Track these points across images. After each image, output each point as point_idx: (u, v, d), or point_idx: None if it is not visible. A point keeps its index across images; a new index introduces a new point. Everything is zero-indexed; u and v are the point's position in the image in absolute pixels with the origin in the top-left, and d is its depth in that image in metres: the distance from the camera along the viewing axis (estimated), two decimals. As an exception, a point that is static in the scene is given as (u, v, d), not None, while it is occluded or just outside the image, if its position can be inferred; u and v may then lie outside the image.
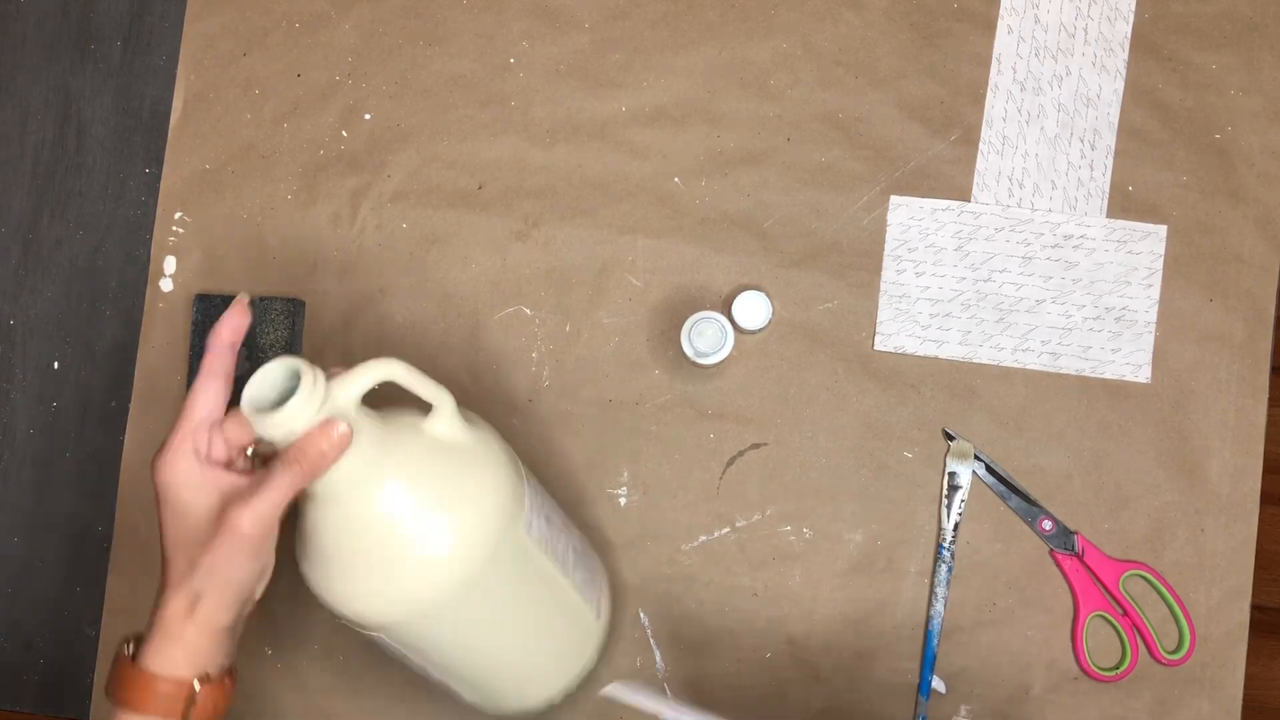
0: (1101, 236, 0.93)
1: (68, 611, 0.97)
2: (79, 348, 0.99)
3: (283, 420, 0.64)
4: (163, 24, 1.00)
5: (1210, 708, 0.90)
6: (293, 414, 0.64)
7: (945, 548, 0.92)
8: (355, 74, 0.98)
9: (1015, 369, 0.93)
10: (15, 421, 0.99)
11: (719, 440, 0.94)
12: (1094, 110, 0.94)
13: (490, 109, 0.97)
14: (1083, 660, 0.91)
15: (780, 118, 0.96)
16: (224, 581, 0.68)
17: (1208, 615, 0.91)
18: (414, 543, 0.69)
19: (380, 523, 0.69)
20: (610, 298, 0.95)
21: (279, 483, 0.66)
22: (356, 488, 0.68)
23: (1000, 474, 0.92)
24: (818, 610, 0.93)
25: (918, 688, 0.92)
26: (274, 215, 0.98)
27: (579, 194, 0.96)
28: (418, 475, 0.70)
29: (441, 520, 0.70)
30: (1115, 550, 0.92)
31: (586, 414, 0.95)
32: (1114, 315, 0.93)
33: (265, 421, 0.65)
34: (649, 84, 0.97)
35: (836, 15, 0.96)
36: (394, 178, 0.97)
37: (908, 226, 0.94)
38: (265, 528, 0.67)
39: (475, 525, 0.70)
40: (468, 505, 0.71)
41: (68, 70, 1.01)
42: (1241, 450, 0.92)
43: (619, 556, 0.94)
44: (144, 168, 0.99)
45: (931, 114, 0.95)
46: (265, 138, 0.98)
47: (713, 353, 0.89)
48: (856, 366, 0.94)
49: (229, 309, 0.70)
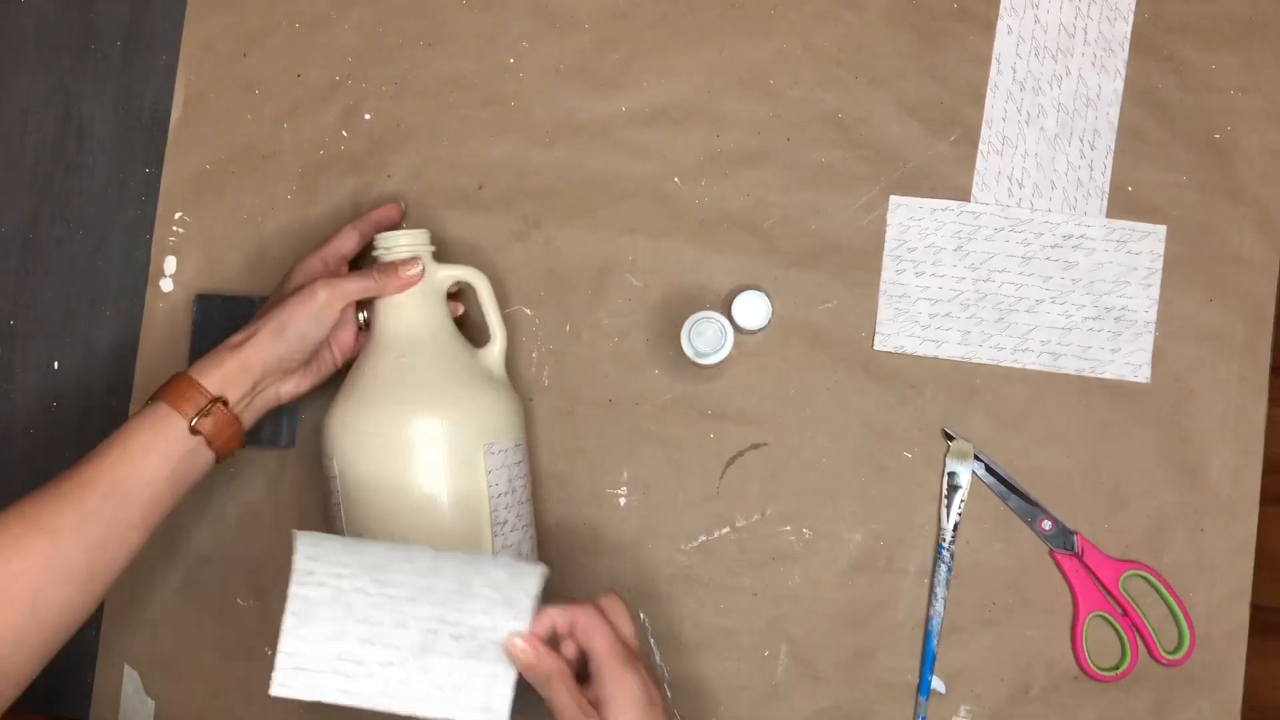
0: (1101, 236, 0.93)
1: (68, 611, 0.97)
2: (79, 348, 0.99)
3: (388, 243, 0.88)
4: (163, 24, 1.00)
5: (1210, 708, 0.90)
6: (394, 240, 0.88)
7: (945, 547, 0.92)
8: (355, 74, 0.98)
9: (1015, 369, 0.93)
10: (15, 421, 0.99)
11: (719, 440, 0.94)
12: (1094, 110, 0.94)
13: (490, 109, 0.97)
14: (1082, 660, 0.91)
15: (780, 118, 0.96)
16: (278, 325, 0.83)
17: (1207, 615, 0.91)
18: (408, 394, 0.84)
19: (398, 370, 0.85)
20: (610, 298, 0.95)
21: (358, 278, 0.86)
22: (400, 337, 0.86)
23: (1000, 474, 0.92)
24: (818, 610, 0.93)
25: (918, 688, 0.92)
26: (274, 215, 0.98)
27: (579, 194, 0.96)
28: (442, 354, 0.86)
29: (437, 391, 0.85)
30: (1115, 550, 0.92)
31: (586, 414, 0.95)
32: (1114, 315, 0.93)
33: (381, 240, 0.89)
34: (649, 84, 0.97)
35: (836, 15, 0.96)
36: (394, 178, 0.97)
37: (907, 226, 0.94)
38: (334, 299, 0.84)
39: (458, 406, 0.84)
40: (464, 396, 0.85)
41: (68, 70, 1.01)
42: (1241, 450, 0.92)
43: (619, 556, 0.94)
44: (144, 168, 0.99)
45: (931, 114, 0.95)
46: (265, 138, 0.98)
47: (713, 353, 0.89)
48: (856, 366, 0.94)
49: (386, 209, 0.94)
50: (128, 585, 0.96)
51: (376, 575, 0.75)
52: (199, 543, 0.96)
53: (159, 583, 0.96)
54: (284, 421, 0.95)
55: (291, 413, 0.96)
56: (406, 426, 0.83)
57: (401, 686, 0.74)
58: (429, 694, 0.74)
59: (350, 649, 0.74)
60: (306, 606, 0.75)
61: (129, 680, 0.96)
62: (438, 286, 0.89)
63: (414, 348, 0.86)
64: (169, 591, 0.96)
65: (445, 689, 0.74)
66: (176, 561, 0.96)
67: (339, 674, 0.74)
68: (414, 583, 0.75)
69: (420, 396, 0.84)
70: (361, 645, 0.74)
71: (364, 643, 0.74)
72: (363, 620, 0.74)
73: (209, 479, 0.96)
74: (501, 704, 0.74)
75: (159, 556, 0.96)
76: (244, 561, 0.96)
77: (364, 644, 0.74)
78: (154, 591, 0.96)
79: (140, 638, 0.96)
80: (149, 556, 0.96)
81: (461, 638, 0.74)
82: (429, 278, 0.88)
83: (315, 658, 0.74)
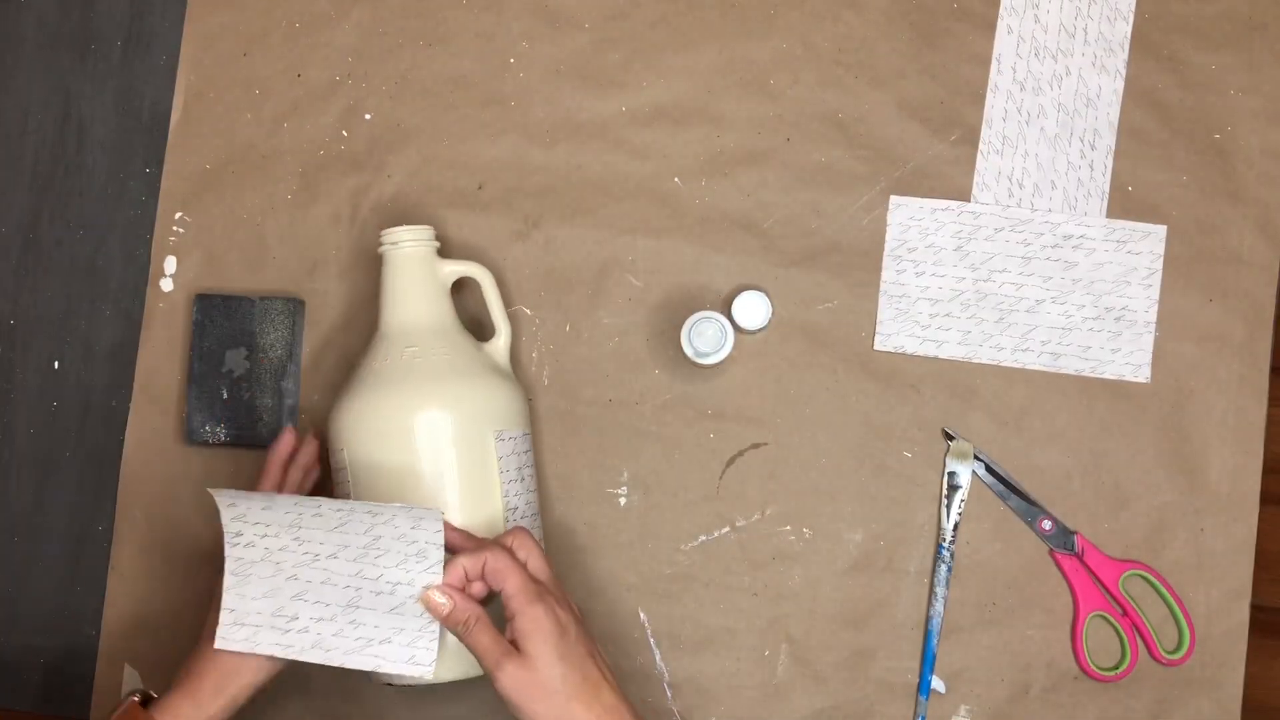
0: (1101, 236, 0.93)
1: (68, 611, 0.97)
2: (79, 348, 0.99)
3: (393, 238, 0.89)
4: (163, 24, 1.00)
5: (1210, 708, 0.90)
6: (398, 235, 0.89)
7: (945, 547, 0.92)
8: (355, 74, 0.98)
9: (1015, 369, 0.93)
10: (15, 421, 0.99)
11: (719, 440, 0.94)
12: (1094, 110, 0.94)
13: (490, 109, 0.97)
14: (1082, 660, 0.91)
15: (780, 118, 0.96)
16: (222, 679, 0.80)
17: (1207, 615, 0.91)
18: (419, 385, 0.85)
19: (406, 361, 0.86)
20: (610, 298, 0.95)
21: None
22: (407, 330, 0.87)
23: (1000, 474, 0.92)
24: (818, 610, 0.93)
25: (918, 688, 0.92)
26: (274, 215, 0.98)
27: (579, 194, 0.96)
28: (450, 346, 0.87)
29: (447, 381, 0.85)
30: (1115, 550, 0.92)
31: (586, 414, 0.95)
32: (1114, 315, 0.93)
33: (387, 235, 0.89)
34: (649, 84, 0.97)
35: (836, 15, 0.96)
36: (394, 178, 0.97)
37: (908, 226, 0.94)
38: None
39: (468, 396, 0.85)
40: (474, 386, 0.86)
41: (68, 70, 1.01)
42: (1241, 450, 0.92)
43: (619, 556, 0.94)
44: (144, 168, 0.99)
45: (931, 114, 0.95)
46: (265, 138, 0.98)
47: (713, 353, 0.89)
48: (856, 366, 0.94)
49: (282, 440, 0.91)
50: (128, 585, 0.96)
51: (295, 534, 0.79)
52: (200, 542, 0.96)
53: (159, 583, 0.96)
54: (284, 421, 0.95)
55: (291, 412, 0.96)
56: (417, 416, 0.84)
57: (333, 639, 0.78)
58: (358, 646, 0.78)
59: (284, 605, 0.78)
60: (242, 566, 0.78)
61: (130, 680, 0.96)
62: (443, 281, 0.89)
63: (421, 339, 0.87)
64: (169, 591, 0.96)
65: (373, 642, 0.78)
66: (176, 561, 0.96)
67: (275, 629, 0.78)
68: (330, 539, 0.78)
69: (431, 387, 0.85)
70: (294, 601, 0.78)
71: (296, 599, 0.78)
72: (292, 577, 0.78)
73: (209, 478, 0.96)
74: (426, 654, 0.77)
75: (160, 556, 0.96)
76: (244, 561, 0.96)
77: (296, 600, 0.78)
78: (154, 591, 0.96)
79: (140, 638, 0.96)
80: (150, 556, 0.96)
81: (382, 593, 0.78)
82: (434, 272, 0.89)
83: (253, 614, 0.78)
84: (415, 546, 0.78)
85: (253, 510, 0.79)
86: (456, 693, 0.93)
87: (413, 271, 0.88)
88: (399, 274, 0.88)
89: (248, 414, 0.95)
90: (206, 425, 0.95)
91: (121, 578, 0.96)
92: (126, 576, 0.96)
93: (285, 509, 0.79)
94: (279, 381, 0.95)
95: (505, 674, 0.75)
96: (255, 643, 0.78)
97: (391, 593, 0.77)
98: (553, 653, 0.75)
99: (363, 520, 0.79)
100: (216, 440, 0.95)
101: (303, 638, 0.78)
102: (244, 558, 0.78)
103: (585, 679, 0.76)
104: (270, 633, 0.78)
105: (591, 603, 0.93)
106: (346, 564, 0.78)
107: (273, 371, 0.95)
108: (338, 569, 0.78)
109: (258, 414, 0.95)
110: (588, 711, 0.75)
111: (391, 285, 0.89)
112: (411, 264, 0.89)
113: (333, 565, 0.78)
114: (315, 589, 0.78)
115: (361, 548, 0.78)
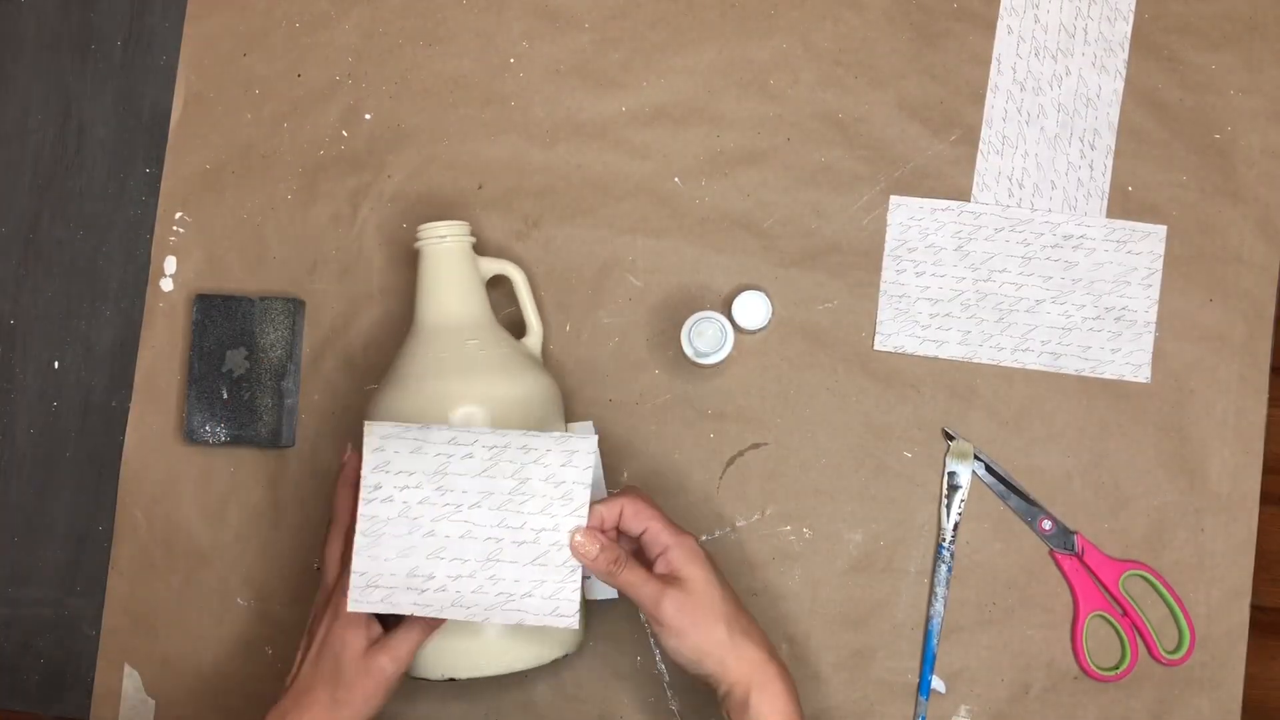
0: (1101, 236, 0.93)
1: (68, 611, 0.97)
2: (79, 348, 0.99)
3: (429, 233, 0.89)
4: (163, 24, 1.00)
5: (1210, 708, 0.90)
6: (434, 231, 0.88)
7: (945, 547, 0.92)
8: (355, 74, 0.98)
9: (1015, 369, 0.93)
10: (15, 421, 0.99)
11: (719, 440, 0.94)
12: (1094, 110, 0.94)
13: (490, 109, 0.97)
14: (1082, 660, 0.91)
15: (780, 118, 0.96)
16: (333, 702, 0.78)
17: (1207, 615, 0.91)
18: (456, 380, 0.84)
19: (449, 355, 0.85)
20: (610, 298, 0.95)
21: (408, 636, 0.79)
22: (443, 326, 0.86)
23: (1000, 474, 0.92)
24: (818, 610, 0.93)
25: (918, 688, 0.92)
26: (274, 215, 0.98)
27: (579, 194, 0.96)
28: (489, 341, 0.86)
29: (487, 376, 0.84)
30: (1115, 550, 0.92)
31: (586, 414, 0.95)
32: (1114, 315, 0.93)
33: (424, 230, 0.88)
34: (649, 84, 0.97)
35: (836, 15, 0.96)
36: (394, 178, 0.97)
37: (908, 226, 0.94)
38: (399, 668, 0.79)
39: (507, 391, 0.84)
40: (513, 381, 0.85)
41: (68, 70, 1.01)
42: (1241, 450, 0.92)
43: (619, 556, 0.94)
44: (144, 168, 0.99)
45: (931, 114, 0.95)
46: (265, 138, 0.98)
47: (713, 353, 0.89)
48: (856, 366, 0.94)
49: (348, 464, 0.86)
50: (128, 585, 0.96)
51: (439, 481, 0.78)
52: (199, 543, 0.96)
53: (159, 583, 0.96)
54: (284, 421, 0.95)
55: (291, 412, 0.96)
56: (453, 413, 0.83)
57: (473, 596, 0.78)
58: (499, 601, 0.78)
59: (420, 564, 0.78)
60: (374, 525, 0.78)
61: (129, 680, 0.96)
62: (478, 278, 0.89)
63: (457, 335, 0.86)
64: (169, 591, 0.96)
65: (514, 596, 0.78)
66: (177, 561, 0.96)
67: (411, 589, 0.78)
68: (475, 486, 0.78)
69: (468, 382, 0.84)
70: (430, 560, 0.78)
71: (432, 557, 0.78)
72: (429, 534, 0.78)
73: (209, 479, 0.96)
74: (570, 605, 0.78)
75: (159, 556, 0.96)
76: (244, 561, 0.96)
77: (432, 559, 0.78)
78: (154, 591, 0.96)
79: (140, 638, 0.96)
80: (150, 556, 0.96)
81: (524, 543, 0.78)
82: (473, 267, 0.89)
83: (387, 574, 0.78)
84: (562, 489, 0.78)
85: (400, 456, 0.78)
86: (456, 692, 0.93)
87: (453, 266, 0.88)
88: (439, 268, 0.88)
89: (247, 414, 0.95)
90: (206, 425, 0.95)
91: (121, 578, 0.96)
92: (126, 576, 0.96)
93: (436, 450, 0.78)
94: (279, 382, 0.95)
95: (671, 601, 0.78)
96: (391, 603, 0.78)
97: (535, 541, 0.78)
98: (711, 575, 0.79)
99: (514, 459, 0.78)
100: (216, 440, 0.95)
101: (441, 596, 0.78)
102: (378, 515, 0.78)
103: (736, 600, 0.80)
104: (406, 593, 0.78)
105: (591, 603, 0.93)
106: (489, 513, 0.78)
107: (272, 372, 0.95)
108: (480, 519, 0.78)
109: (257, 414, 0.95)
110: (746, 631, 0.79)
111: (433, 280, 0.88)
112: (452, 259, 0.88)
113: (474, 516, 0.78)
114: (454, 544, 0.78)
115: (507, 493, 0.78)
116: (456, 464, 0.78)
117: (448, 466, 0.78)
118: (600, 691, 0.93)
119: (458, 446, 0.78)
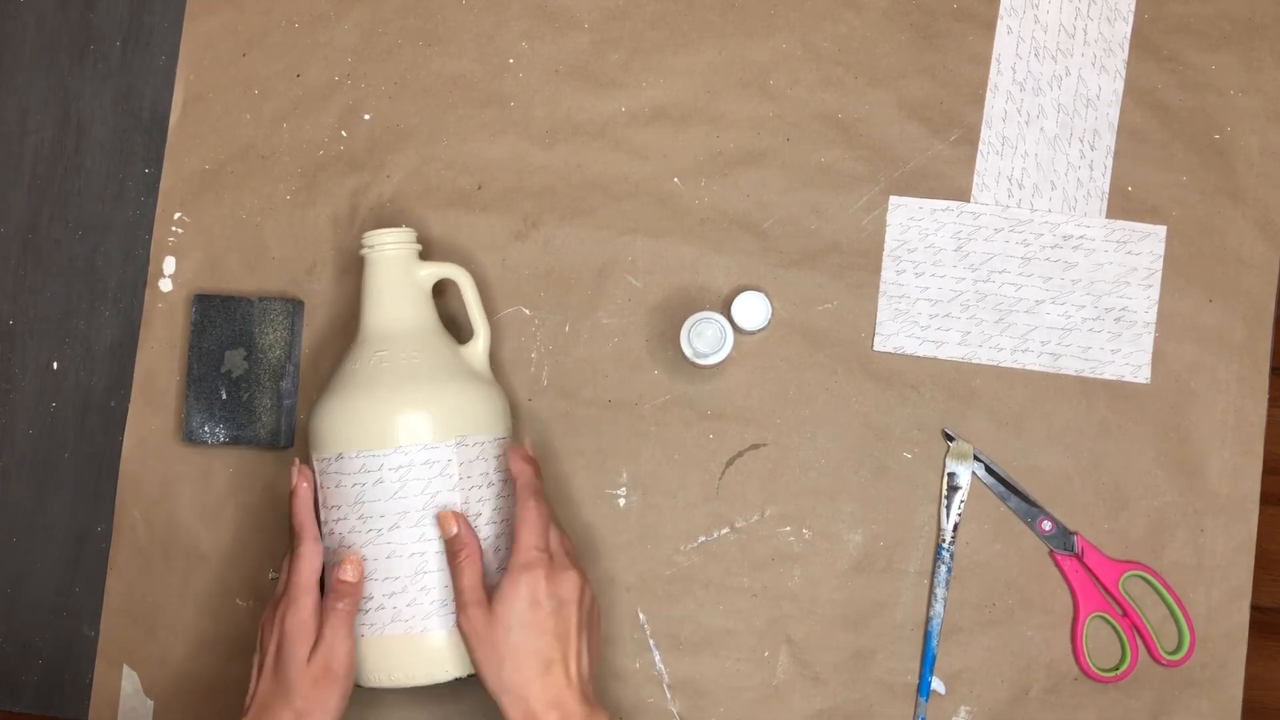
0: (1101, 237, 0.93)
1: (67, 611, 0.97)
2: (79, 348, 0.99)
3: (373, 241, 0.89)
4: (163, 24, 1.00)
5: (1210, 708, 0.90)
6: (379, 239, 0.89)
7: (945, 548, 0.92)
8: (355, 74, 0.98)
9: (1015, 369, 0.93)
10: (15, 421, 0.99)
11: (719, 440, 0.94)
12: (1094, 110, 0.94)
13: (490, 109, 0.97)
14: (1082, 661, 0.91)
15: (780, 118, 0.96)
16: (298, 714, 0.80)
17: (1207, 615, 0.91)
18: (390, 389, 0.84)
19: (380, 365, 0.86)
20: (610, 298, 0.95)
21: (336, 631, 0.81)
22: (385, 333, 0.87)
23: (1000, 474, 0.92)
24: (817, 610, 0.93)
25: (917, 688, 0.92)
26: (274, 215, 0.98)
27: (579, 194, 0.96)
28: (425, 349, 0.86)
29: (417, 386, 0.85)
30: (1115, 551, 0.92)
31: (586, 414, 0.95)
32: (1113, 316, 0.93)
33: (367, 239, 0.89)
34: (649, 84, 0.97)
35: (836, 15, 0.96)
36: (394, 178, 0.97)
37: (907, 227, 0.94)
38: (343, 668, 0.81)
39: (437, 400, 0.84)
40: (445, 390, 0.85)
41: (68, 70, 1.00)
42: (1241, 450, 0.92)
43: (618, 557, 0.94)
44: (144, 168, 0.99)
45: (931, 114, 0.95)
46: (265, 138, 0.98)
47: (712, 353, 0.89)
48: (856, 367, 0.94)
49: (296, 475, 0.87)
50: (127, 585, 0.96)
51: (360, 510, 0.84)
52: (199, 543, 0.96)
53: (159, 583, 0.96)
54: (282, 421, 0.95)
55: (290, 413, 0.96)
56: (389, 420, 0.84)
57: (409, 609, 0.83)
58: (434, 610, 0.83)
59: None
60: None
61: (129, 680, 0.96)
62: (422, 284, 0.89)
63: (394, 343, 0.86)
64: (169, 591, 0.96)
65: (446, 603, 0.83)
66: (175, 562, 0.96)
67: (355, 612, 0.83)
68: (390, 509, 0.84)
69: (402, 391, 0.84)
70: (365, 583, 0.83)
71: (366, 580, 0.83)
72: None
73: (208, 480, 0.96)
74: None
75: (159, 556, 0.96)
76: (244, 561, 0.96)
77: (367, 582, 0.83)
78: (153, 592, 0.96)
79: (140, 638, 0.96)
80: (149, 556, 0.96)
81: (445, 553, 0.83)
82: (413, 275, 0.89)
83: None
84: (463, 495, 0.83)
85: (325, 490, 0.85)
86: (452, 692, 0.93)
87: (391, 274, 0.88)
88: (377, 277, 0.88)
89: (246, 415, 0.95)
90: (205, 426, 0.95)
91: (120, 578, 0.96)
92: (125, 577, 0.96)
93: (352, 480, 0.84)
94: (277, 382, 0.95)
95: (465, 616, 0.80)
96: None
97: None
98: (514, 619, 0.79)
99: (420, 475, 0.83)
100: (215, 441, 0.95)
101: (381, 615, 0.83)
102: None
103: (535, 654, 0.79)
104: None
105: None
106: (408, 530, 0.82)
107: (271, 372, 0.95)
108: (400, 539, 0.83)
109: (256, 415, 0.95)
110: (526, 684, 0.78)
111: (370, 288, 0.88)
112: (390, 267, 0.88)
113: (395, 536, 0.83)
114: (383, 565, 0.83)
115: (420, 510, 0.82)
116: (370, 490, 0.83)
117: (364, 495, 0.83)
118: (600, 692, 0.93)
119: (368, 474, 0.83)
